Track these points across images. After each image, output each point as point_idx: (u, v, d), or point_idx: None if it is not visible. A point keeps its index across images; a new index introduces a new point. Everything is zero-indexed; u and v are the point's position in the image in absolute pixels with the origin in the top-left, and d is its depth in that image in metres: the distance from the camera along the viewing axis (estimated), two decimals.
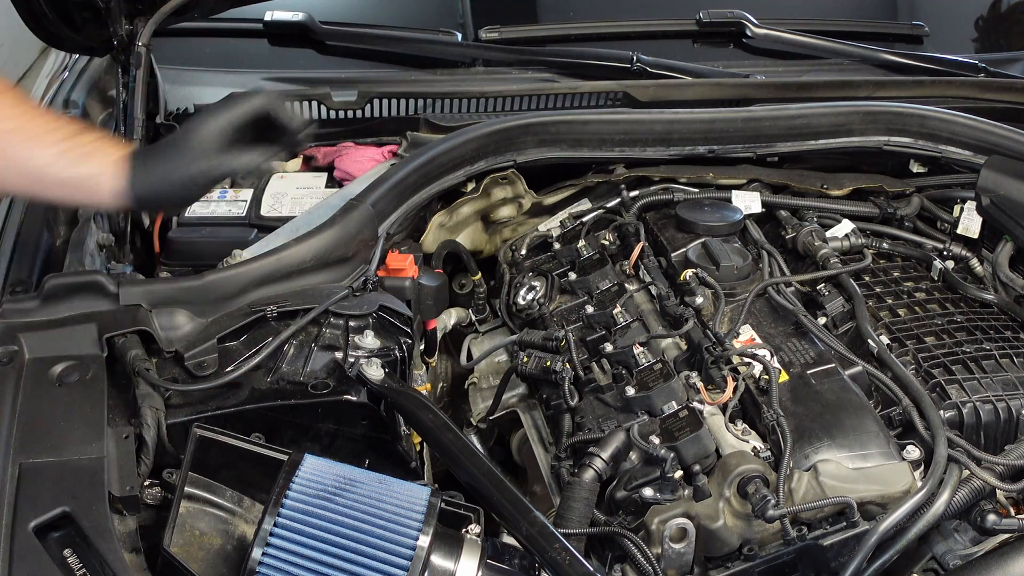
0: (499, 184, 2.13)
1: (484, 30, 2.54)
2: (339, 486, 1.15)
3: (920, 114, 2.11)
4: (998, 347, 1.67)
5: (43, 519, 1.15)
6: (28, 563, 1.11)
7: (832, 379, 1.57)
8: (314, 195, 2.04)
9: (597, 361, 1.72)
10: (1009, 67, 2.63)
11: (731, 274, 1.82)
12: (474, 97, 2.29)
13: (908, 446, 1.48)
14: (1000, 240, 1.92)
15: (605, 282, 1.88)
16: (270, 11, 2.47)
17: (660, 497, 1.39)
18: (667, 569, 1.40)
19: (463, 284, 2.13)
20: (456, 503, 1.28)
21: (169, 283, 1.65)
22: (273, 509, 1.11)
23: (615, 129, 2.11)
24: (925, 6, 2.95)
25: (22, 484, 1.19)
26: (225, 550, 1.24)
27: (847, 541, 1.36)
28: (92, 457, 1.23)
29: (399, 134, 2.18)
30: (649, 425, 1.49)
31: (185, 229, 1.95)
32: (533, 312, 1.93)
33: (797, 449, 1.45)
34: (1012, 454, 1.47)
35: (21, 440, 1.25)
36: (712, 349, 1.62)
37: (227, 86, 2.31)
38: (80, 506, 1.17)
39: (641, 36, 2.61)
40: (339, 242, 1.69)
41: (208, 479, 1.29)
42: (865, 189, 2.13)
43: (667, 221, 2.02)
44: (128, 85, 2.04)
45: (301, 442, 1.48)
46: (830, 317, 1.78)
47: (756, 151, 2.14)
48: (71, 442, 1.25)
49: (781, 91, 2.32)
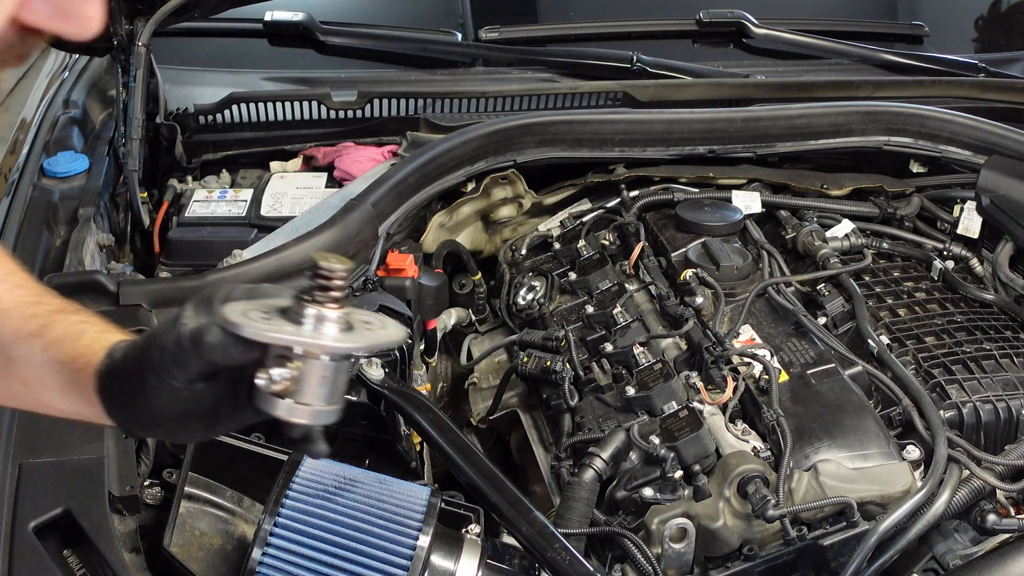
0: (499, 184, 2.13)
1: (484, 30, 2.54)
2: (339, 486, 1.15)
3: (920, 114, 2.11)
4: (998, 347, 1.67)
5: (43, 519, 1.16)
6: (28, 563, 1.11)
7: (832, 379, 1.57)
8: (314, 195, 2.03)
9: (597, 361, 1.72)
10: (1009, 67, 2.62)
11: (731, 274, 1.82)
12: (474, 97, 2.29)
13: (908, 446, 1.48)
14: (1000, 240, 1.91)
15: (605, 282, 1.88)
16: (270, 11, 2.47)
17: (660, 497, 1.39)
18: (667, 569, 1.40)
19: (463, 284, 2.13)
20: (456, 503, 1.28)
21: (169, 283, 1.65)
22: (273, 509, 1.11)
23: (615, 129, 2.11)
24: (925, 6, 2.95)
25: (22, 484, 1.19)
26: (225, 550, 1.25)
27: (847, 541, 1.36)
28: (92, 457, 1.23)
29: (399, 134, 2.18)
30: (649, 425, 1.49)
31: (185, 229, 1.95)
32: (533, 312, 1.93)
33: (797, 449, 1.45)
34: (1012, 454, 1.47)
35: (21, 440, 1.25)
36: (712, 349, 1.62)
37: (227, 86, 2.32)
38: (80, 506, 1.17)
39: (641, 36, 2.61)
40: (339, 242, 1.69)
41: (208, 479, 1.29)
42: (865, 189, 2.12)
43: (667, 221, 2.02)
44: (128, 85, 2.04)
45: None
46: (830, 317, 1.78)
47: (756, 151, 2.14)
48: (71, 442, 1.25)
49: (781, 91, 2.32)
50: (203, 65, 2.53)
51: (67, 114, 2.14)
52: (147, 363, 0.90)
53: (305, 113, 2.24)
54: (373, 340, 0.88)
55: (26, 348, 1.01)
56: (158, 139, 2.15)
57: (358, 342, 0.86)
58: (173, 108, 2.22)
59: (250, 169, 2.20)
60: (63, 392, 1.01)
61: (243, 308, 0.85)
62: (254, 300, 0.88)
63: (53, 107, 2.17)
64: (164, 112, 2.18)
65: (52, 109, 2.16)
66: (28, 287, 1.06)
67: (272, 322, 0.85)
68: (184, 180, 2.15)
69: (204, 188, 2.10)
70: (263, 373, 0.87)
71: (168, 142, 2.15)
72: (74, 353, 0.99)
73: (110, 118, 2.14)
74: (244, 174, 2.19)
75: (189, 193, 2.07)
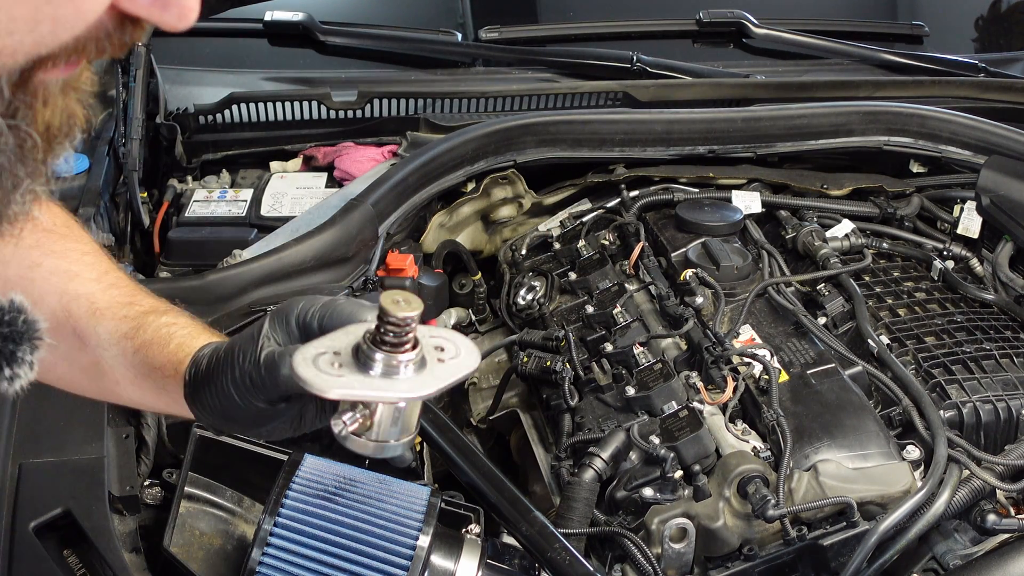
0: (499, 184, 2.13)
1: (484, 30, 2.54)
2: (339, 486, 1.15)
3: (920, 114, 2.11)
4: (998, 347, 1.67)
5: (43, 519, 1.16)
6: (28, 563, 1.11)
7: (832, 379, 1.57)
8: (314, 195, 2.03)
9: (597, 361, 1.72)
10: (1009, 67, 2.63)
11: (731, 274, 1.82)
12: (474, 97, 2.29)
13: (908, 446, 1.48)
14: (1000, 240, 1.91)
15: (605, 282, 1.88)
16: (270, 11, 2.48)
17: (660, 497, 1.39)
18: (667, 569, 1.40)
19: (463, 284, 2.13)
20: (456, 503, 1.28)
21: (169, 283, 1.65)
22: (273, 509, 1.11)
23: (615, 129, 2.11)
24: (925, 6, 2.96)
25: (22, 484, 1.19)
26: (225, 550, 1.25)
27: (847, 541, 1.36)
28: (92, 457, 1.24)
29: (399, 134, 2.18)
30: (649, 425, 1.49)
31: (185, 229, 1.95)
32: (533, 312, 1.93)
33: (797, 449, 1.45)
34: (1012, 454, 1.47)
35: (21, 440, 1.25)
36: (712, 349, 1.62)
37: (227, 86, 2.31)
38: (80, 506, 1.17)
39: (641, 36, 2.61)
40: (339, 242, 1.69)
41: (208, 479, 1.29)
42: (865, 189, 2.12)
43: (667, 221, 2.02)
44: (128, 85, 2.04)
45: (301, 442, 1.48)
46: (830, 317, 1.78)
47: (756, 151, 2.14)
48: (71, 442, 1.25)
49: (781, 91, 2.32)
50: (203, 65, 2.53)
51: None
52: (231, 382, 0.94)
53: (305, 113, 2.24)
54: (445, 380, 0.87)
55: (119, 350, 1.05)
56: (158, 139, 2.15)
57: (428, 387, 0.86)
58: (173, 108, 2.22)
59: (250, 169, 2.20)
60: (156, 395, 1.05)
61: (315, 352, 0.86)
62: (328, 339, 0.89)
63: None
64: (164, 112, 2.18)
65: None
66: (122, 286, 1.10)
67: (342, 373, 0.84)
68: (184, 180, 2.16)
69: (204, 188, 2.10)
70: (337, 419, 0.88)
71: (168, 142, 2.15)
72: (163, 360, 1.02)
73: (110, 118, 2.14)
74: (244, 174, 2.19)
75: (189, 193, 2.08)
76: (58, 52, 0.58)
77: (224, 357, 0.95)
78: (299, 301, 0.95)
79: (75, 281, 1.08)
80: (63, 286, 1.08)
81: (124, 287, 1.10)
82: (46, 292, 1.07)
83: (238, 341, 0.96)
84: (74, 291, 1.07)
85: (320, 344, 0.87)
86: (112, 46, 0.61)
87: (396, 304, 0.84)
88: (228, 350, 0.96)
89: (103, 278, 1.10)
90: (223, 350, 0.97)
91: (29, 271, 1.07)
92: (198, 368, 0.98)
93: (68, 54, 0.59)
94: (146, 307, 1.07)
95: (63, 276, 1.08)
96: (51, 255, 1.09)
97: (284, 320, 0.94)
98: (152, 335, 1.04)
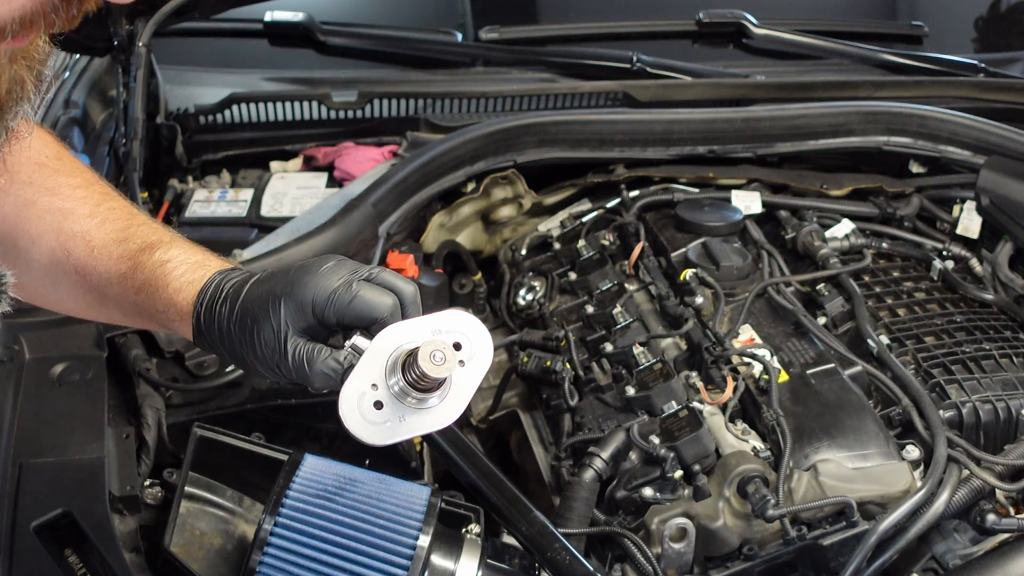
0: (499, 184, 2.13)
1: (484, 30, 2.54)
2: (339, 486, 1.15)
3: (920, 114, 2.11)
4: (998, 347, 1.67)
5: (43, 519, 1.16)
6: (28, 563, 1.11)
7: (832, 379, 1.57)
8: (314, 195, 2.04)
9: (597, 361, 1.72)
10: (1009, 67, 2.63)
11: (731, 274, 1.82)
12: (474, 97, 2.29)
13: (908, 446, 1.48)
14: (1000, 240, 1.91)
15: (605, 282, 1.88)
16: (270, 11, 2.48)
17: (660, 497, 1.39)
18: (667, 569, 1.40)
19: (463, 284, 2.13)
20: (456, 503, 1.28)
21: None
22: (273, 509, 1.11)
23: (615, 129, 2.11)
24: (925, 6, 2.96)
25: (22, 484, 1.19)
26: (225, 550, 1.25)
27: (847, 541, 1.36)
28: (92, 457, 1.24)
29: (399, 134, 2.18)
30: (649, 425, 1.49)
31: (185, 229, 1.95)
32: (533, 312, 1.93)
33: (797, 449, 1.45)
34: (1012, 454, 1.47)
35: (21, 440, 1.26)
36: (712, 349, 1.62)
37: (227, 86, 2.32)
38: (80, 506, 1.17)
39: (641, 36, 2.61)
40: (339, 242, 1.70)
41: (208, 479, 1.29)
42: (865, 189, 2.12)
43: (667, 221, 2.02)
44: (128, 85, 2.04)
45: (301, 442, 1.49)
46: (830, 317, 1.78)
47: (756, 151, 2.14)
48: (71, 442, 1.25)
49: (781, 91, 2.32)
50: (204, 65, 2.54)
51: (67, 114, 2.15)
52: (255, 356, 0.99)
53: (305, 113, 2.24)
54: (470, 392, 1.00)
55: (119, 288, 1.09)
56: (158, 139, 2.15)
57: (458, 409, 0.99)
58: (174, 108, 2.22)
59: (250, 169, 2.20)
60: (162, 328, 1.14)
61: (357, 394, 0.96)
62: (364, 368, 0.96)
63: (54, 107, 2.17)
64: (164, 112, 2.19)
65: (53, 109, 2.16)
66: (115, 219, 1.12)
67: (386, 418, 0.96)
68: (184, 180, 2.16)
69: (204, 188, 2.10)
70: None
71: (168, 142, 2.16)
72: (164, 303, 1.06)
73: (110, 118, 2.15)
74: (244, 174, 2.19)
75: (189, 193, 2.08)
76: (4, 27, 0.62)
77: (239, 331, 1.00)
78: (312, 286, 0.98)
79: (69, 219, 1.11)
80: (59, 225, 1.10)
81: (117, 220, 1.12)
82: (43, 231, 1.10)
83: (252, 312, 0.99)
84: (70, 230, 1.10)
85: (358, 380, 0.96)
86: (60, 20, 0.64)
87: (433, 362, 0.93)
88: (241, 322, 0.99)
89: (96, 212, 1.12)
90: (237, 320, 1.00)
91: (25, 209, 1.10)
92: (208, 327, 1.02)
93: (16, 28, 0.62)
94: (140, 243, 1.10)
95: (58, 215, 1.11)
96: (45, 192, 1.11)
97: (300, 307, 0.98)
98: (148, 275, 1.07)
